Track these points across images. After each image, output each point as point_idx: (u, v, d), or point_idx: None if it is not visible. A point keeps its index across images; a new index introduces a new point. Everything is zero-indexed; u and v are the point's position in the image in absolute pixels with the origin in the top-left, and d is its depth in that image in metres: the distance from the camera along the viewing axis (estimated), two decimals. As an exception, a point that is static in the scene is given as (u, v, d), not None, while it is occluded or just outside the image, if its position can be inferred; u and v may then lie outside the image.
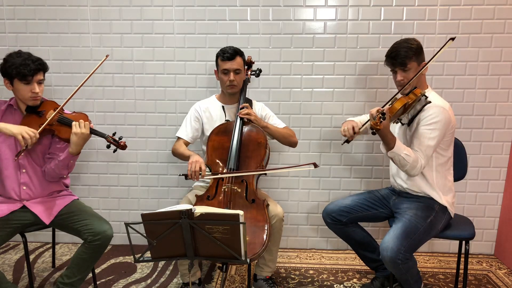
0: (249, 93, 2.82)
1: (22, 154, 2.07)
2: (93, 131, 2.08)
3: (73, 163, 2.16)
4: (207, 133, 2.42)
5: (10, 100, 2.17)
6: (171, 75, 2.86)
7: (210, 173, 2.24)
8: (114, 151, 2.14)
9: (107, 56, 2.29)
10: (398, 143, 2.02)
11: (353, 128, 2.11)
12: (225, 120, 2.43)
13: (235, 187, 2.20)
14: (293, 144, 2.48)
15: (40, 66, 2.06)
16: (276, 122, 2.50)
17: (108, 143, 2.12)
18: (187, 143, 2.46)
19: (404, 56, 2.08)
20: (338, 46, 2.76)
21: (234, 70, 2.33)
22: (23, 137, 1.94)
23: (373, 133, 1.95)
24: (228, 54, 2.32)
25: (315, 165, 2.06)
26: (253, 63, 2.54)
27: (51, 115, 2.09)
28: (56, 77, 2.88)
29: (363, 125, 2.14)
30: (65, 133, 2.08)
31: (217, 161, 2.29)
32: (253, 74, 2.54)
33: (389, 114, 1.99)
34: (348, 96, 2.81)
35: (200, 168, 2.14)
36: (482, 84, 2.74)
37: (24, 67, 2.00)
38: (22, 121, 2.09)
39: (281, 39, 2.77)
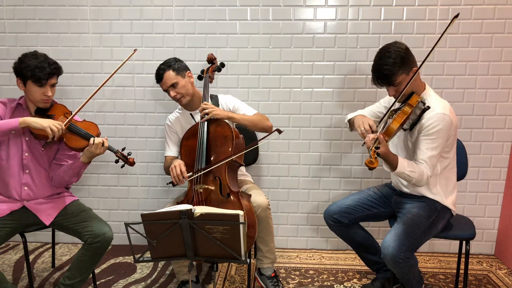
0: (250, 93, 2.83)
1: (47, 146, 2.08)
2: (107, 148, 2.09)
3: (83, 171, 2.17)
4: None
5: (19, 99, 2.15)
6: (171, 75, 2.85)
7: (191, 172, 2.23)
8: (122, 166, 2.16)
9: (135, 50, 2.33)
10: (400, 162, 1.95)
11: (371, 127, 2.07)
12: None
13: (207, 186, 2.19)
14: (266, 128, 2.36)
15: (55, 70, 2.05)
16: (245, 111, 2.42)
17: (117, 158, 2.13)
18: (175, 158, 2.45)
19: (389, 75, 1.96)
20: (338, 46, 2.76)
21: (169, 87, 2.33)
22: (51, 129, 1.94)
23: (370, 169, 1.78)
24: (156, 77, 2.34)
25: (279, 131, 2.11)
26: (215, 59, 2.52)
27: (61, 120, 2.08)
28: (56, 77, 2.88)
29: (381, 120, 2.09)
30: (73, 142, 2.07)
31: (191, 164, 2.27)
32: (215, 70, 2.51)
33: (386, 138, 1.90)
34: (348, 96, 2.81)
35: (181, 170, 2.17)
36: (482, 84, 2.74)
37: (40, 70, 1.99)
38: None
39: (281, 39, 2.77)
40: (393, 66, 1.95)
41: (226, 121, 2.31)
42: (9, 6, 2.81)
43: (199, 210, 1.63)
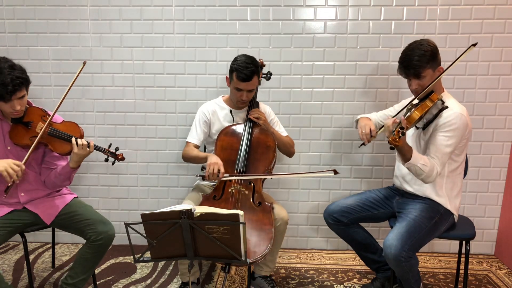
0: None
1: (9, 190, 1.96)
2: (94, 148, 2.05)
3: (74, 175, 2.15)
4: (214, 136, 2.41)
5: None
6: (171, 75, 2.85)
7: (228, 174, 2.21)
8: (113, 163, 2.13)
9: (84, 62, 2.16)
10: (415, 154, 1.98)
11: (371, 132, 2.09)
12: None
13: (243, 189, 2.20)
14: (291, 154, 2.49)
15: (18, 86, 1.89)
16: (280, 130, 2.50)
17: (106, 156, 2.09)
18: (197, 147, 2.43)
19: (418, 66, 1.99)
20: (338, 46, 2.76)
21: (247, 90, 2.28)
22: (8, 173, 1.85)
23: (391, 148, 1.89)
24: (244, 75, 2.21)
25: (335, 172, 2.03)
26: (264, 65, 2.52)
27: (40, 127, 2.02)
28: (56, 77, 2.88)
29: (380, 129, 2.13)
30: (58, 147, 2.03)
31: (225, 161, 2.28)
32: (264, 77, 2.52)
33: (407, 125, 1.93)
34: (348, 96, 2.81)
35: (219, 170, 2.14)
36: (482, 84, 2.74)
37: (2, 88, 1.85)
38: (10, 132, 2.03)
39: (281, 39, 2.77)
40: (423, 57, 2.00)
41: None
42: (9, 6, 2.81)
43: (199, 210, 1.62)
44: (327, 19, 2.73)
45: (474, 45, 2.00)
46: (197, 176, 2.26)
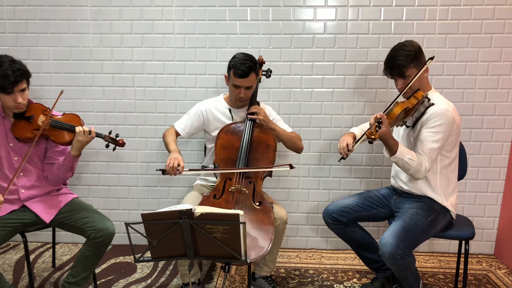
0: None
1: None
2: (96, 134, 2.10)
3: (76, 164, 2.18)
4: (213, 133, 2.41)
5: None
6: (171, 75, 2.86)
7: (188, 169, 2.22)
8: (114, 149, 2.17)
9: (61, 92, 2.20)
10: (400, 147, 2.01)
11: (347, 146, 2.12)
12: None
13: (244, 189, 2.20)
14: (298, 149, 2.46)
15: (20, 77, 1.95)
16: (283, 126, 2.48)
17: (107, 143, 2.14)
18: (178, 134, 2.44)
19: (402, 65, 2.06)
20: (338, 46, 2.76)
21: (245, 87, 2.29)
22: None
23: (370, 142, 1.94)
24: (241, 71, 2.21)
25: (291, 167, 2.14)
26: (264, 63, 2.52)
27: (41, 120, 2.06)
28: (56, 77, 2.88)
29: (357, 141, 2.15)
30: (61, 137, 2.08)
31: (225, 160, 2.29)
32: (264, 75, 2.52)
33: (389, 120, 1.99)
34: (348, 96, 2.82)
35: (179, 164, 2.14)
36: (482, 84, 2.74)
37: (4, 80, 1.91)
38: (12, 127, 2.06)
39: (281, 39, 2.77)
40: (406, 57, 2.06)
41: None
42: (9, 6, 2.81)
43: (199, 210, 1.63)
44: (327, 20, 2.74)
45: (432, 58, 2.07)
46: (157, 170, 2.24)
